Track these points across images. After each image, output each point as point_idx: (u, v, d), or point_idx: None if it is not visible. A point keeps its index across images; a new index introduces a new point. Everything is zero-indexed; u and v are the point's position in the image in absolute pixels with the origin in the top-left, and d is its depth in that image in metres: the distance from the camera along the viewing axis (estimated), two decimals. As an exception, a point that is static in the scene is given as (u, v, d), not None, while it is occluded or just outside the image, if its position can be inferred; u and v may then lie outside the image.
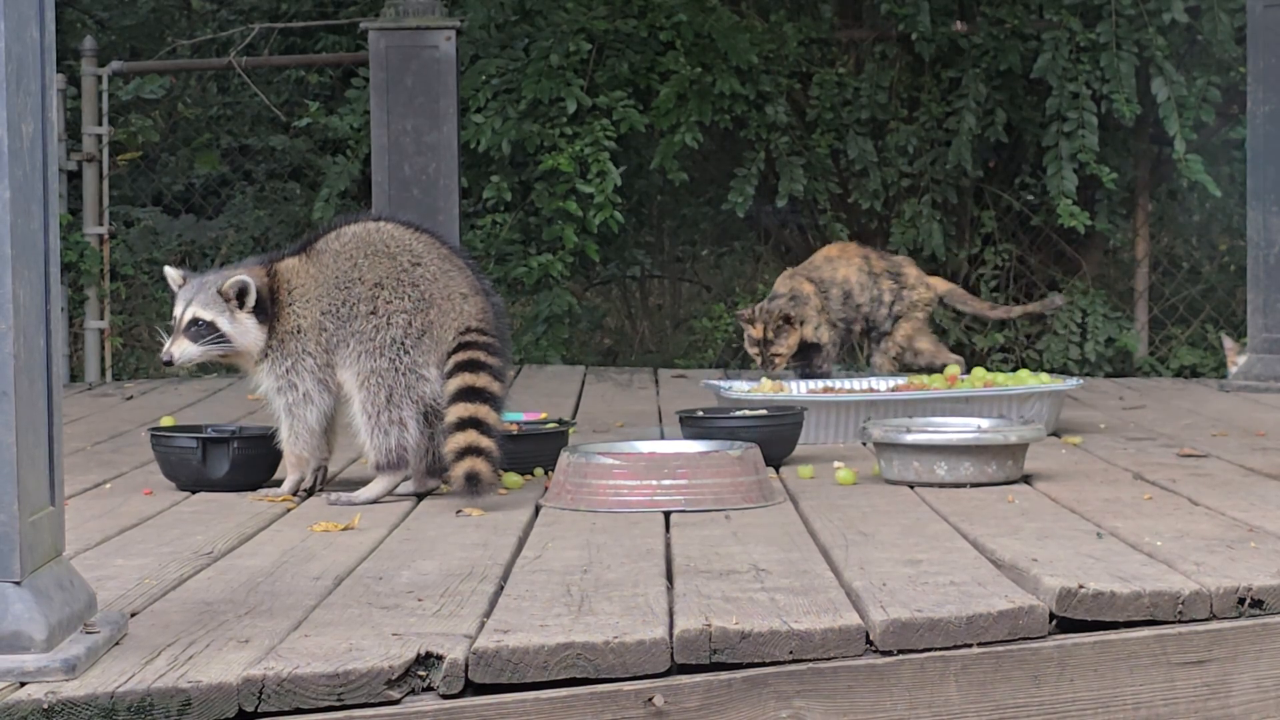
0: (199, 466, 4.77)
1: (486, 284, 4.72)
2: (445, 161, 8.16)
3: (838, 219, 9.29)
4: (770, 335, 5.96)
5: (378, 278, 4.60)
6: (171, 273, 4.73)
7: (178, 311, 4.65)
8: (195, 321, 4.62)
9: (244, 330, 4.61)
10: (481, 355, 4.54)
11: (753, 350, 5.97)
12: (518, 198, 9.24)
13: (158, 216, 10.45)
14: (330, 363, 4.62)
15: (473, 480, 4.37)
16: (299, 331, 4.63)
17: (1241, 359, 7.47)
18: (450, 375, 4.52)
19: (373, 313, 4.58)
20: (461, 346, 4.55)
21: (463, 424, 4.43)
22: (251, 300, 4.60)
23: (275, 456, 4.81)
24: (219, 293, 4.60)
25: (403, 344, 4.56)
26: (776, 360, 5.97)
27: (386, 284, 4.59)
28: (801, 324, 6.08)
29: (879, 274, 6.29)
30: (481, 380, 4.50)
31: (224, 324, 4.61)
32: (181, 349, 4.63)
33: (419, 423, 4.56)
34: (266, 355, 4.64)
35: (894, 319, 6.26)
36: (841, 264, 6.27)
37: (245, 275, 4.62)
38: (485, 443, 4.41)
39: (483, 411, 4.46)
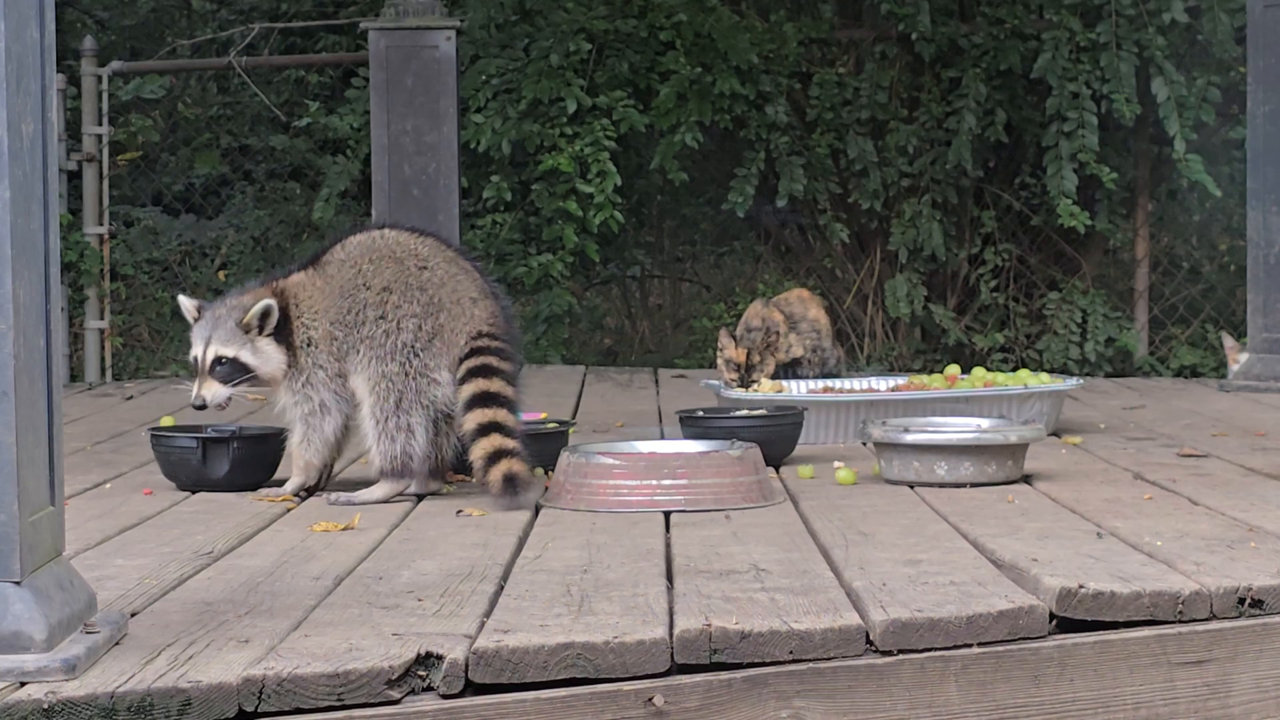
0: (199, 466, 4.77)
1: (496, 287, 4.71)
2: (445, 161, 8.16)
3: (838, 219, 9.28)
4: (755, 360, 5.95)
5: (385, 283, 4.60)
6: (186, 303, 4.67)
7: (198, 351, 4.59)
8: (220, 361, 4.58)
9: (266, 358, 4.59)
10: (494, 360, 4.53)
11: (731, 374, 5.93)
12: (518, 198, 9.24)
13: (158, 216, 10.44)
14: (343, 371, 4.61)
15: (512, 482, 4.36)
16: (310, 344, 4.62)
17: (1242, 358, 7.46)
18: (463, 381, 4.51)
19: (382, 318, 4.58)
20: (474, 352, 4.54)
21: (484, 429, 4.42)
22: (272, 324, 4.57)
23: (275, 456, 4.81)
24: (239, 325, 4.57)
25: (413, 348, 4.55)
26: (756, 387, 5.94)
27: (395, 288, 4.59)
28: (775, 351, 6.07)
29: (832, 332, 6.35)
30: (495, 385, 4.49)
31: (248, 357, 4.57)
32: (212, 392, 4.60)
33: (427, 429, 4.55)
34: (284, 372, 4.64)
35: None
36: (813, 306, 6.30)
37: (267, 299, 4.58)
38: (512, 443, 4.41)
39: (501, 415, 4.45)
